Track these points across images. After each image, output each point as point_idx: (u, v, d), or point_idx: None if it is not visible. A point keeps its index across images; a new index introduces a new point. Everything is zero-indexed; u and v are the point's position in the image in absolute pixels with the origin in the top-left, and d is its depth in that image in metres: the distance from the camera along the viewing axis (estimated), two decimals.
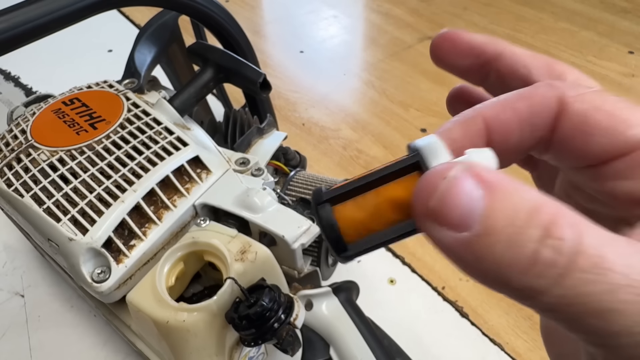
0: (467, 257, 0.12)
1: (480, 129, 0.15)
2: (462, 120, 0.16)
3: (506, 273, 0.12)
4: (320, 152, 0.73)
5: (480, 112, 0.15)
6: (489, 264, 0.12)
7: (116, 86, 0.43)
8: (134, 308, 0.30)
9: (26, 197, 0.34)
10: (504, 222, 0.12)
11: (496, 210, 0.12)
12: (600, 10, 1.04)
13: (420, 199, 0.13)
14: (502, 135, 0.15)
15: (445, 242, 0.12)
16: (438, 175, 0.13)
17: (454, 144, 0.15)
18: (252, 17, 1.10)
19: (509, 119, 0.15)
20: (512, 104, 0.15)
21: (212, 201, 0.35)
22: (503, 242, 0.11)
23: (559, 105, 0.15)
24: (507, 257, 0.11)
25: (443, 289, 0.54)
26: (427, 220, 0.13)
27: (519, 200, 0.12)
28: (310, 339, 0.38)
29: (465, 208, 0.12)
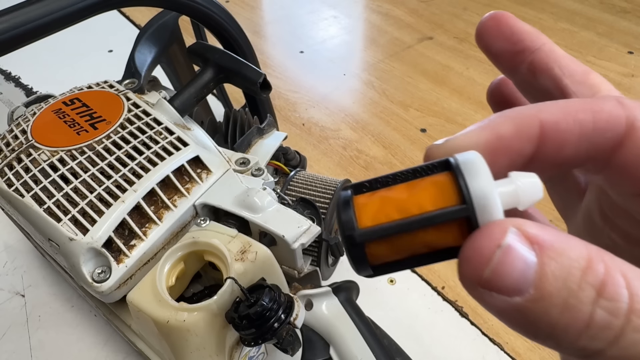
0: (520, 321, 0.12)
1: (534, 132, 0.14)
2: (517, 118, 0.14)
3: (560, 335, 0.11)
4: (320, 152, 0.73)
5: (538, 114, 0.14)
6: (542, 327, 0.11)
7: (116, 86, 0.43)
8: (134, 308, 0.30)
9: (27, 197, 0.34)
10: (558, 285, 0.11)
11: (549, 273, 0.11)
12: (600, 10, 1.04)
13: (471, 267, 0.12)
14: (556, 146, 0.14)
15: (497, 306, 0.12)
16: (491, 242, 0.12)
17: (500, 141, 0.14)
18: (252, 17, 1.10)
19: (569, 130, 0.14)
20: (576, 114, 0.14)
21: (213, 201, 0.35)
22: (558, 306, 0.11)
23: (627, 128, 0.13)
24: (562, 321, 0.11)
25: (443, 288, 0.54)
26: (477, 288, 0.12)
27: (571, 260, 0.11)
28: (310, 338, 0.38)
29: (519, 274, 0.11)
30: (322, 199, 0.42)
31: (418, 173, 0.14)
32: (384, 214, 0.14)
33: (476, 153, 0.13)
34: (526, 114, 0.14)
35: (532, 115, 0.14)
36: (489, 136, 0.14)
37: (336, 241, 0.40)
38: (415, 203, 0.13)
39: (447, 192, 0.13)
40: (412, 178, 0.14)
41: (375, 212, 0.14)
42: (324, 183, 0.44)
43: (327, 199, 0.42)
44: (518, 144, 0.14)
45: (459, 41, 0.97)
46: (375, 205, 0.14)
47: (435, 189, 0.13)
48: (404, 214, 0.13)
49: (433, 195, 0.13)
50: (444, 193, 0.13)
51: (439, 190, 0.13)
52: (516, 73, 0.18)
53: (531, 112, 0.14)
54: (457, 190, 0.13)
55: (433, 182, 0.13)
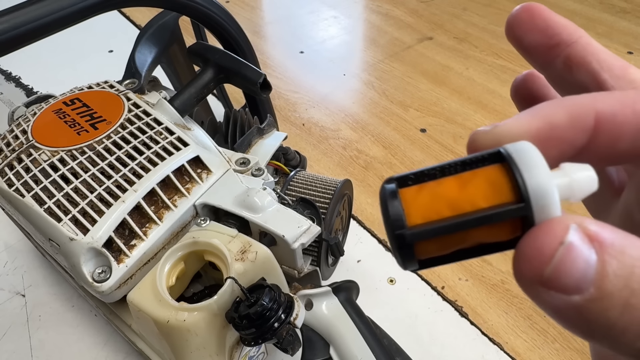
0: (576, 321, 0.11)
1: (589, 123, 0.13)
2: (572, 106, 0.13)
3: (618, 336, 0.11)
4: (320, 152, 0.73)
5: (593, 104, 0.13)
6: (600, 327, 0.11)
7: (117, 86, 0.43)
8: (134, 307, 0.30)
9: (27, 197, 0.34)
10: (620, 285, 0.11)
11: (610, 272, 0.11)
12: (600, 10, 1.04)
13: (531, 266, 0.12)
14: (611, 139, 0.13)
15: (555, 305, 0.11)
16: (553, 239, 0.11)
17: (553, 131, 0.13)
18: (252, 17, 1.10)
19: (627, 123, 0.13)
20: (634, 105, 0.13)
21: (213, 201, 0.35)
22: (619, 307, 0.11)
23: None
24: (622, 321, 0.11)
25: (442, 288, 0.54)
26: (536, 287, 0.12)
27: (632, 258, 0.11)
28: (310, 338, 0.38)
29: (579, 273, 0.11)
30: (322, 199, 0.42)
31: (468, 165, 0.13)
32: (435, 211, 0.13)
33: (529, 143, 0.13)
34: (581, 103, 0.13)
35: (587, 104, 0.13)
36: (541, 124, 0.13)
37: (336, 241, 0.40)
38: (467, 199, 0.13)
39: (500, 187, 0.12)
40: (462, 170, 0.13)
41: (425, 209, 0.13)
42: (324, 183, 0.44)
43: (327, 199, 0.42)
44: (571, 134, 0.13)
45: (459, 41, 0.97)
46: (425, 201, 0.13)
47: (487, 184, 0.13)
48: (455, 211, 0.13)
49: (486, 190, 0.13)
50: (497, 188, 0.12)
51: (492, 186, 0.13)
52: (550, 67, 0.17)
53: (586, 102, 0.13)
54: (512, 185, 0.12)
55: (485, 176, 0.13)
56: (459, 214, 0.13)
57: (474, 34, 1.00)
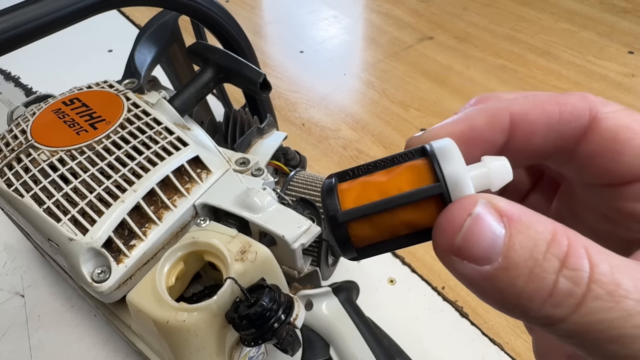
0: (489, 290, 0.12)
1: (505, 123, 0.15)
2: (489, 110, 0.15)
3: (526, 304, 0.12)
4: (320, 152, 0.73)
5: (508, 107, 0.15)
6: (509, 296, 0.12)
7: (116, 86, 0.43)
8: (134, 308, 0.30)
9: (26, 197, 0.34)
10: (525, 256, 0.12)
11: (517, 244, 0.12)
12: (600, 10, 1.04)
13: (444, 236, 0.13)
14: (526, 136, 0.15)
15: (467, 275, 0.13)
16: (462, 211, 0.13)
17: (474, 132, 0.15)
18: (252, 17, 1.10)
19: (537, 121, 0.15)
20: (543, 105, 0.15)
21: (212, 201, 0.35)
22: (524, 275, 0.12)
23: (590, 119, 0.14)
24: (528, 289, 0.12)
25: (443, 288, 0.54)
26: (449, 255, 0.13)
27: (537, 232, 0.12)
28: (310, 339, 0.38)
29: (489, 243, 0.12)
30: None
31: (397, 160, 0.15)
32: (365, 197, 0.14)
33: (449, 139, 0.14)
34: (498, 106, 0.15)
35: (503, 107, 0.15)
36: (464, 127, 0.15)
37: None
38: (393, 185, 0.14)
39: (423, 175, 0.14)
40: (392, 165, 0.15)
41: (357, 196, 0.14)
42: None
43: None
44: (490, 134, 0.15)
45: (459, 41, 0.97)
46: (357, 190, 0.15)
47: (411, 173, 0.14)
48: (383, 195, 0.14)
49: (410, 177, 0.14)
50: (420, 175, 0.14)
51: (415, 174, 0.14)
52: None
53: (502, 105, 0.15)
54: (432, 172, 0.14)
55: (410, 166, 0.14)
56: (386, 197, 0.14)
57: (475, 33, 1.00)
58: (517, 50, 0.94)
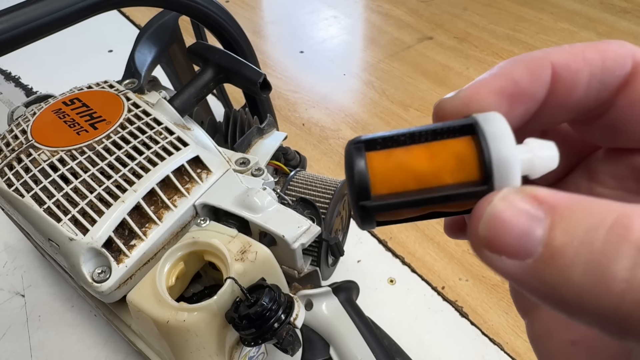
0: (540, 287, 0.11)
1: (547, 74, 0.14)
2: (528, 61, 0.14)
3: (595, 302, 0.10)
4: (320, 152, 0.73)
5: (548, 57, 0.14)
6: (567, 292, 0.10)
7: (116, 86, 0.43)
8: (134, 308, 0.30)
9: (27, 197, 0.34)
10: (577, 242, 0.10)
11: (563, 229, 0.10)
12: (600, 10, 1.04)
13: (470, 228, 0.12)
14: (568, 87, 0.14)
15: (508, 271, 0.11)
16: (485, 200, 0.11)
17: (515, 87, 0.14)
18: (252, 17, 1.10)
19: (580, 70, 0.13)
20: (584, 54, 0.14)
21: (212, 201, 0.35)
22: (581, 264, 0.10)
23: (634, 65, 0.13)
24: (591, 280, 0.10)
25: (443, 288, 0.54)
26: (481, 248, 0.11)
27: (593, 215, 0.10)
28: (310, 338, 0.38)
29: (521, 231, 0.11)
30: (322, 199, 0.42)
31: (438, 134, 0.13)
32: (400, 183, 0.13)
33: (499, 115, 0.13)
34: (537, 57, 0.14)
35: (543, 57, 0.14)
36: (504, 82, 0.14)
37: (336, 241, 0.40)
38: (434, 173, 0.12)
39: (468, 164, 0.12)
40: (432, 139, 0.13)
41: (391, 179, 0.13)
42: (324, 183, 0.44)
43: (327, 199, 0.42)
44: (533, 88, 0.14)
45: (459, 41, 0.97)
46: (391, 170, 0.13)
47: (455, 158, 0.12)
48: (421, 185, 0.12)
49: (453, 165, 0.12)
50: (464, 164, 0.12)
51: (459, 161, 0.12)
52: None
53: (542, 55, 0.14)
54: (479, 162, 0.12)
55: (454, 149, 0.12)
56: (423, 189, 0.12)
57: (474, 33, 1.00)
58: (517, 50, 0.94)
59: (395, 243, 0.58)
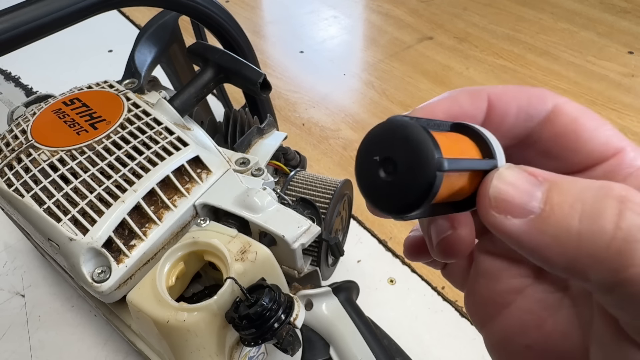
0: (542, 239, 0.12)
1: (483, 101, 0.17)
2: (469, 90, 0.17)
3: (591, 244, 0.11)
4: (320, 152, 0.73)
5: (486, 89, 0.17)
6: (567, 239, 0.12)
7: (116, 86, 0.43)
8: (134, 308, 0.30)
9: (27, 197, 0.34)
10: (570, 199, 0.12)
11: (559, 191, 0.12)
12: (600, 10, 1.04)
13: (480, 194, 0.14)
14: (500, 114, 0.17)
15: (513, 229, 0.13)
16: (493, 172, 0.14)
17: (459, 109, 0.17)
18: (252, 17, 1.10)
19: (510, 102, 0.17)
20: (514, 91, 0.17)
21: (212, 201, 0.35)
22: (577, 215, 0.12)
23: (553, 105, 0.16)
24: (586, 226, 0.11)
25: (443, 288, 0.54)
26: (490, 212, 0.13)
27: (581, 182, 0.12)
28: (310, 338, 0.38)
29: (524, 192, 0.13)
30: (322, 199, 0.42)
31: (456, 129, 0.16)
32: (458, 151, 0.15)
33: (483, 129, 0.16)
34: (477, 89, 0.17)
35: (482, 90, 0.17)
36: (451, 105, 0.17)
37: (336, 241, 0.40)
38: (467, 151, 0.15)
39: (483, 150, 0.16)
40: (454, 131, 0.16)
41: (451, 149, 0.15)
42: (324, 183, 0.44)
43: (327, 199, 0.42)
44: (473, 111, 0.17)
45: (459, 41, 0.97)
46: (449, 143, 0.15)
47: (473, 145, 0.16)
48: (466, 155, 0.15)
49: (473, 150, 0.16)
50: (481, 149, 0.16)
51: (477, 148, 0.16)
52: None
53: (481, 88, 0.17)
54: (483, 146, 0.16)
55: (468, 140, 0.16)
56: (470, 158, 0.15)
57: (474, 33, 1.00)
58: (517, 50, 0.94)
59: (395, 243, 0.58)
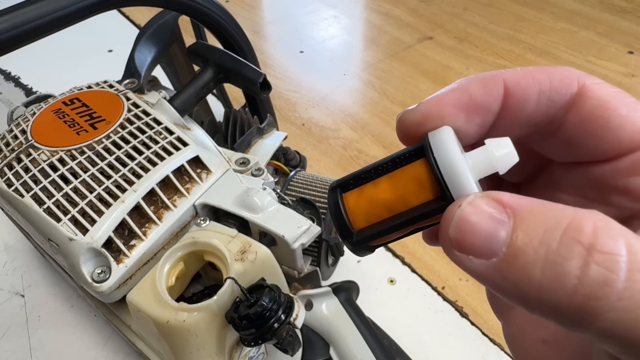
0: (504, 284, 0.12)
1: (499, 90, 0.15)
2: (482, 77, 0.15)
3: (551, 296, 0.11)
4: (320, 152, 0.73)
5: (501, 75, 0.15)
6: (528, 289, 0.11)
7: (116, 86, 0.43)
8: (134, 308, 0.30)
9: (26, 197, 0.34)
10: (534, 243, 0.11)
11: (524, 231, 0.11)
12: (600, 10, 1.04)
13: (441, 231, 0.13)
14: (519, 103, 0.15)
15: (477, 270, 0.12)
16: (454, 205, 0.13)
17: (470, 99, 0.15)
18: (252, 17, 1.10)
19: (529, 87, 0.15)
20: (533, 74, 0.15)
21: (212, 201, 0.35)
22: (539, 263, 0.11)
23: (579, 87, 0.14)
24: (546, 277, 0.11)
25: (443, 288, 0.54)
26: (453, 251, 0.13)
27: (549, 218, 0.11)
28: (310, 339, 0.38)
29: (487, 233, 0.12)
30: (322, 199, 0.42)
31: (397, 163, 0.15)
32: (375, 214, 0.15)
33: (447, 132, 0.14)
34: (491, 74, 0.15)
35: (496, 75, 0.15)
36: (461, 96, 0.15)
37: (336, 241, 0.40)
38: (400, 200, 0.14)
39: (426, 184, 0.14)
40: (393, 169, 0.15)
41: (366, 214, 0.15)
42: (324, 183, 0.44)
43: None
44: (487, 101, 0.15)
45: (459, 41, 0.97)
46: (365, 206, 0.15)
47: (415, 183, 0.14)
48: (391, 212, 0.14)
49: (415, 190, 0.14)
50: (424, 186, 0.14)
51: (419, 184, 0.14)
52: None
53: (495, 74, 0.15)
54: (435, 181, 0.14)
55: (412, 175, 0.14)
56: (395, 215, 0.14)
57: (474, 33, 1.00)
58: (517, 50, 0.94)
59: (395, 243, 0.58)
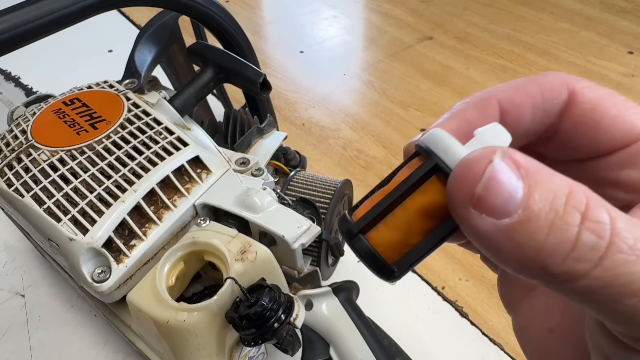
0: (506, 246, 0.12)
1: (495, 111, 0.15)
2: (476, 101, 0.16)
3: (546, 259, 0.11)
4: (320, 152, 0.73)
5: (494, 94, 0.16)
6: (528, 251, 0.12)
7: (116, 86, 0.43)
8: (134, 308, 0.30)
9: (27, 197, 0.34)
10: (546, 208, 0.12)
11: (536, 195, 0.12)
12: (600, 10, 1.04)
13: (463, 186, 0.13)
14: (515, 119, 0.16)
15: (484, 230, 0.12)
16: (483, 159, 0.12)
17: (468, 126, 0.15)
18: (252, 17, 1.10)
19: (523, 102, 0.15)
20: (525, 88, 0.15)
21: (212, 201, 0.35)
22: (545, 228, 0.11)
23: (569, 93, 0.15)
24: (549, 242, 0.11)
25: (443, 288, 0.54)
26: (468, 209, 0.12)
27: (555, 185, 0.12)
28: (310, 339, 0.38)
29: (509, 194, 0.12)
30: (322, 199, 0.42)
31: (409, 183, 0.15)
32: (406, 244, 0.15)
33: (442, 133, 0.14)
34: (484, 97, 0.16)
35: (490, 97, 0.16)
36: (459, 123, 0.16)
37: (336, 241, 0.40)
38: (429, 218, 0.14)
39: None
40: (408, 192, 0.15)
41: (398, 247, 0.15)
42: (324, 183, 0.44)
43: (327, 199, 0.42)
44: (484, 124, 0.15)
45: (459, 41, 0.97)
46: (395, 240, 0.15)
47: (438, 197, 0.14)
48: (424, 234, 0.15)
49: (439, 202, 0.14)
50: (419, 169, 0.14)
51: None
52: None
53: (488, 95, 0.16)
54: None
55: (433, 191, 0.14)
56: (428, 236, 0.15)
57: (475, 33, 1.00)
58: (517, 50, 0.94)
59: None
